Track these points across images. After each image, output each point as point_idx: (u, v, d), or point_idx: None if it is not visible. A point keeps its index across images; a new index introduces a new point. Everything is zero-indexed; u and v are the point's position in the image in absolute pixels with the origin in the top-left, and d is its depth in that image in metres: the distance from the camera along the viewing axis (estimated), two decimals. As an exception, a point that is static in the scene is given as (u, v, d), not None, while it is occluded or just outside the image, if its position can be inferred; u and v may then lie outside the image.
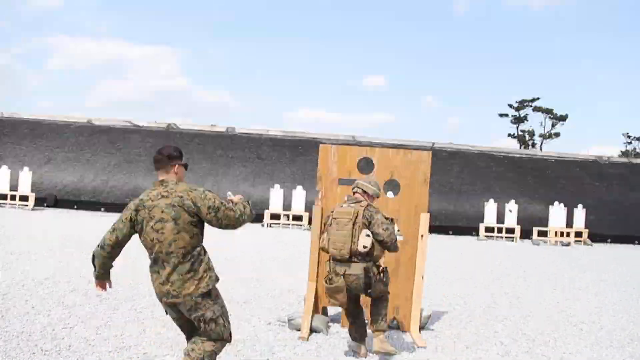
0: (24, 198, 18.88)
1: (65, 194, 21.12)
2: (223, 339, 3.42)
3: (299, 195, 19.09)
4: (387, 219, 4.50)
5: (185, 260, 3.22)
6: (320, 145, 5.94)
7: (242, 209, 3.34)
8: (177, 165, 3.38)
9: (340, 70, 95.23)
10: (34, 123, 23.83)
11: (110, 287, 3.64)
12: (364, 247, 4.31)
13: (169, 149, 3.41)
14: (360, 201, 4.54)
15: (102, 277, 3.50)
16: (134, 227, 3.33)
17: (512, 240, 20.85)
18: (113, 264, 3.49)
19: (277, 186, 19.53)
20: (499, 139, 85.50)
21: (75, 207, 20.52)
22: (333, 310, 6.25)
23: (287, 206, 19.09)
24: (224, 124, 25.39)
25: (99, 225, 15.36)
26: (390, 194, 7.91)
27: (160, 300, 3.36)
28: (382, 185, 5.82)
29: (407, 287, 5.76)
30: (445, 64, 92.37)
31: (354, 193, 4.70)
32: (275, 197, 19.11)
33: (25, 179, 19.08)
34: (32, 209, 18.71)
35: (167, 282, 3.23)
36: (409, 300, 5.73)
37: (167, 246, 3.21)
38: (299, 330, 5.51)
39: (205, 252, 3.39)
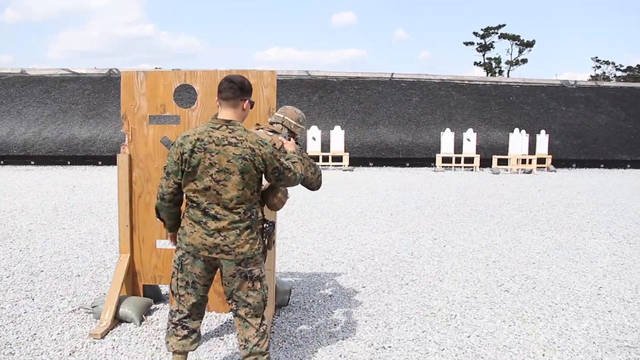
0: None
1: (-8, 149, 20.45)
2: (264, 302, 3.03)
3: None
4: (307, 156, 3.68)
5: (246, 217, 2.90)
6: (122, 72, 4.21)
7: (296, 169, 3.10)
8: (247, 101, 2.98)
9: (309, 8, 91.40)
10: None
11: None
12: None
13: (242, 78, 2.94)
14: (279, 133, 3.64)
15: (175, 228, 3.07)
16: (182, 165, 2.88)
17: (472, 170, 19.53)
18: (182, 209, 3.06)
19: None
20: (467, 68, 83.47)
21: (2, 162, 19.93)
22: (166, 290, 4.63)
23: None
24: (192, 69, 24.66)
25: (18, 180, 13.53)
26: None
27: (196, 253, 2.88)
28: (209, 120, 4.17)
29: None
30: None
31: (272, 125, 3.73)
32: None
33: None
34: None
35: (218, 235, 2.85)
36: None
37: (227, 200, 2.86)
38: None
39: (258, 209, 3.11)
